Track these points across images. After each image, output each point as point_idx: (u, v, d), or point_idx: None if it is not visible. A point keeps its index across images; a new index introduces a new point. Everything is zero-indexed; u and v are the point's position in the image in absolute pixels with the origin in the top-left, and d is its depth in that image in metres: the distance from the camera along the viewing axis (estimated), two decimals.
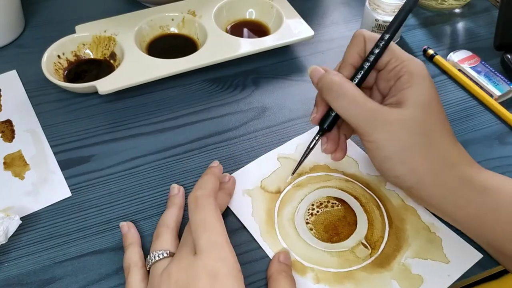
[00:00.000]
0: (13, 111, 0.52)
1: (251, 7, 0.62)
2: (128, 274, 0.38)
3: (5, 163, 0.47)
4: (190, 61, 0.53)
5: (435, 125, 0.37)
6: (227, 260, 0.34)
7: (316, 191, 0.45)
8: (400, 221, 0.43)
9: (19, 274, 0.40)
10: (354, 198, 0.44)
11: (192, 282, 0.33)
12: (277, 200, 0.44)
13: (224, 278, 0.33)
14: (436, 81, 0.56)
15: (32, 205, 0.44)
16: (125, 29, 0.56)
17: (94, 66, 0.56)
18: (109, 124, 0.51)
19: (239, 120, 0.52)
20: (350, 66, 0.40)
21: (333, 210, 0.44)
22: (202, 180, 0.40)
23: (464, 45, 0.61)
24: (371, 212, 0.43)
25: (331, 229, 0.42)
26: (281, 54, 0.59)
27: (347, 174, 0.46)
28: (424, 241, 0.41)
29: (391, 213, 0.43)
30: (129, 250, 0.39)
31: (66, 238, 0.42)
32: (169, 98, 0.54)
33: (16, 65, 0.57)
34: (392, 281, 0.39)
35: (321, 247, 0.41)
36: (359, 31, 0.40)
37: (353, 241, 0.41)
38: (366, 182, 0.46)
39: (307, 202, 0.44)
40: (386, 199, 0.44)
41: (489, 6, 0.67)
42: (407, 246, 0.41)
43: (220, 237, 0.35)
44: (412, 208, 0.43)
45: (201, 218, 0.36)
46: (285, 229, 0.42)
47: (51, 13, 0.65)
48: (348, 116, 0.38)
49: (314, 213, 0.43)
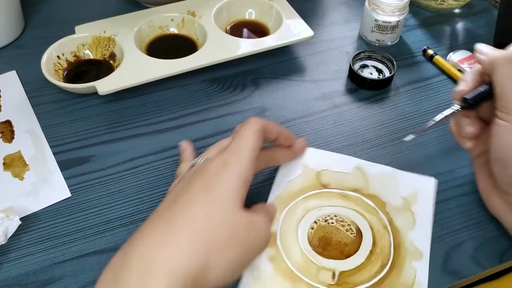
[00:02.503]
0: (12, 112, 0.52)
1: (250, 8, 0.62)
2: (177, 180, 0.40)
3: (4, 163, 0.47)
4: (190, 61, 0.53)
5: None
6: (243, 160, 0.36)
7: (343, 208, 0.44)
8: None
9: (18, 275, 0.40)
10: (371, 229, 0.42)
11: (207, 165, 0.36)
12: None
13: (232, 169, 0.35)
14: (435, 81, 0.56)
15: (31, 206, 0.44)
16: (125, 29, 0.56)
17: (94, 66, 0.56)
18: (108, 125, 0.51)
19: (239, 120, 0.52)
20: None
21: (342, 232, 0.42)
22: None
23: (464, 45, 0.61)
24: (377, 254, 0.41)
25: (325, 242, 0.41)
26: (280, 54, 0.59)
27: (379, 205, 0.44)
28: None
29: (395, 261, 0.40)
30: (183, 165, 0.43)
31: (65, 238, 0.42)
32: (169, 99, 0.54)
33: (16, 66, 0.57)
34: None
35: (306, 252, 0.41)
36: None
37: (330, 264, 0.40)
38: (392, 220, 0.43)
39: (325, 212, 0.43)
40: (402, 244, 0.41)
41: (488, 6, 0.67)
42: None
43: (246, 148, 0.37)
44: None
45: (242, 130, 0.38)
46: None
47: (51, 13, 0.65)
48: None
49: (322, 223, 0.43)
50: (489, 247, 0.41)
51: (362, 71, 0.56)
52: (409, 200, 0.44)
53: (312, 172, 0.46)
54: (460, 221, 0.43)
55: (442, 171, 0.47)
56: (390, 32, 0.59)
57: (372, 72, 0.56)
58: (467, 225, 0.43)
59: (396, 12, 0.57)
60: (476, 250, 0.41)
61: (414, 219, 0.42)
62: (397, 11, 0.57)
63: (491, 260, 0.41)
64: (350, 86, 0.56)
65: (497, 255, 0.41)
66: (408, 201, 0.44)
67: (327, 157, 0.48)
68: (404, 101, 0.54)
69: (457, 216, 0.43)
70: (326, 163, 0.47)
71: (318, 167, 0.47)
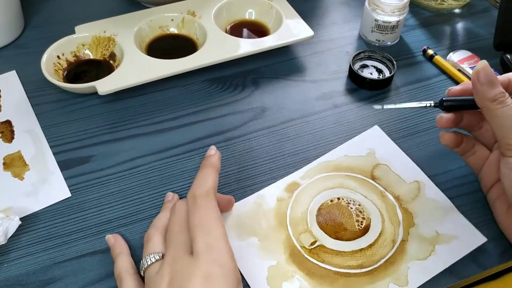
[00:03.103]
0: (12, 112, 0.52)
1: (250, 8, 0.62)
2: (120, 282, 0.36)
3: (4, 163, 0.47)
4: (190, 61, 0.53)
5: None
6: (226, 265, 0.33)
7: (371, 204, 0.44)
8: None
9: (18, 275, 0.40)
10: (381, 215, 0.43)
11: (186, 284, 0.31)
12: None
13: (218, 283, 0.31)
14: (435, 81, 0.56)
15: (31, 206, 0.44)
16: (125, 29, 0.56)
17: (94, 66, 0.56)
18: (108, 125, 0.51)
19: (239, 120, 0.52)
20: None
21: (352, 221, 0.43)
22: (201, 176, 0.37)
23: (464, 45, 0.61)
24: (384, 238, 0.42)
25: (331, 217, 0.43)
26: (280, 54, 0.59)
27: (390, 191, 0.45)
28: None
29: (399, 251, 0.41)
30: (118, 259, 0.38)
31: (65, 238, 0.42)
32: (169, 99, 0.54)
33: (16, 66, 0.57)
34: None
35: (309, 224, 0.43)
36: None
37: (318, 234, 0.42)
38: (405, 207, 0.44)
39: (336, 194, 0.45)
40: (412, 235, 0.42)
41: (488, 6, 0.67)
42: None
43: (219, 241, 0.33)
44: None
45: (199, 218, 0.34)
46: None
47: (50, 13, 0.65)
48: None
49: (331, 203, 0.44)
50: (489, 247, 0.41)
51: (362, 71, 0.56)
52: (438, 239, 0.41)
53: (372, 160, 0.47)
54: None
55: (442, 171, 0.47)
56: (390, 32, 0.59)
57: (372, 72, 0.56)
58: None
59: (396, 12, 0.57)
60: (476, 250, 0.41)
61: (429, 255, 0.41)
62: (397, 11, 0.57)
63: (491, 260, 0.41)
64: (350, 86, 0.56)
65: (497, 255, 0.41)
66: (436, 239, 0.41)
67: (394, 155, 0.48)
68: (404, 101, 0.54)
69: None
70: (390, 159, 0.47)
71: (380, 160, 0.47)
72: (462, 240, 0.41)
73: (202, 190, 0.36)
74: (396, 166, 0.47)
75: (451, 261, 0.40)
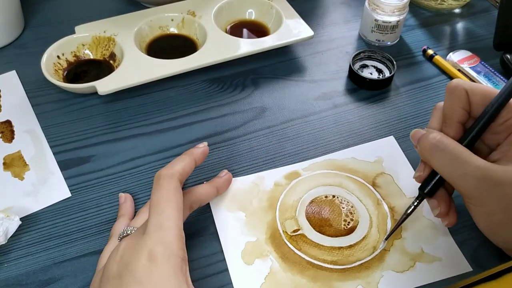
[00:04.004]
0: (12, 112, 0.52)
1: (250, 8, 0.62)
2: (108, 241, 0.39)
3: (4, 163, 0.47)
4: (190, 61, 0.53)
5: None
6: (169, 244, 0.33)
7: (363, 208, 0.44)
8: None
9: (18, 275, 0.40)
10: (368, 215, 0.44)
11: (132, 261, 0.32)
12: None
13: (161, 262, 0.32)
14: (435, 82, 0.56)
15: (31, 206, 0.44)
16: (125, 29, 0.56)
17: (94, 66, 0.56)
18: (108, 125, 0.51)
19: (239, 120, 0.52)
20: (456, 124, 0.36)
21: (339, 219, 0.43)
22: (174, 160, 0.39)
23: (464, 45, 0.61)
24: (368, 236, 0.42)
25: (320, 211, 0.43)
26: (280, 54, 0.59)
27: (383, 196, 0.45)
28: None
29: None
30: (117, 221, 0.41)
31: (65, 238, 0.42)
32: (169, 99, 0.54)
33: (16, 66, 0.57)
34: None
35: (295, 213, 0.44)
36: (456, 83, 0.37)
37: (303, 224, 0.42)
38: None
39: (326, 191, 0.45)
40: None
41: (488, 6, 0.67)
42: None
43: (168, 220, 0.34)
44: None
45: (157, 198, 0.35)
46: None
47: (50, 13, 0.65)
48: (452, 177, 0.34)
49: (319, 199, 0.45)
50: (489, 247, 0.41)
51: (362, 71, 0.56)
52: (421, 257, 0.41)
53: (378, 168, 0.47)
54: (460, 221, 0.43)
55: None
56: (390, 32, 0.59)
57: (372, 72, 0.56)
58: (467, 225, 0.43)
59: (396, 12, 0.57)
60: (476, 250, 0.41)
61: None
62: (397, 11, 0.57)
63: (491, 260, 0.41)
64: (350, 86, 0.56)
65: (497, 255, 0.41)
66: (419, 257, 0.41)
67: (402, 167, 0.47)
68: (404, 101, 0.54)
69: (457, 216, 0.43)
70: (396, 171, 0.47)
71: (386, 169, 0.47)
72: (445, 264, 0.40)
73: (167, 171, 0.37)
74: (400, 179, 0.46)
75: (427, 281, 0.39)
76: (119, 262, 0.33)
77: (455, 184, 0.35)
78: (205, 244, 0.41)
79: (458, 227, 0.42)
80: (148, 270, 0.32)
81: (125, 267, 0.32)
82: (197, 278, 0.35)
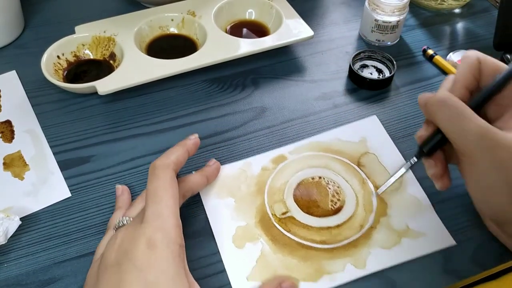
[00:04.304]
0: (12, 112, 0.52)
1: (250, 7, 0.62)
2: (105, 233, 0.40)
3: (4, 163, 0.47)
4: (190, 61, 0.53)
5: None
6: (168, 232, 0.34)
7: (349, 188, 0.45)
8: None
9: (18, 275, 0.40)
10: (355, 196, 0.45)
11: (131, 249, 0.33)
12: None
13: (161, 250, 0.33)
14: (435, 82, 0.56)
15: (31, 206, 0.44)
16: (125, 29, 0.56)
17: (94, 66, 0.56)
18: (108, 125, 0.51)
19: (239, 120, 0.52)
20: (464, 89, 0.37)
21: (326, 200, 0.44)
22: (168, 151, 0.40)
23: (464, 45, 0.61)
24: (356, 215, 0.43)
25: (308, 193, 0.45)
26: (280, 54, 0.59)
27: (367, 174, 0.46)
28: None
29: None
30: (115, 213, 0.42)
31: (65, 238, 0.42)
32: (169, 99, 0.54)
33: (16, 66, 0.57)
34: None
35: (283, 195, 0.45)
36: (471, 52, 0.38)
37: (291, 206, 0.43)
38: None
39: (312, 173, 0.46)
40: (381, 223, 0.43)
41: (488, 6, 0.67)
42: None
43: (167, 209, 0.35)
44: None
45: (153, 187, 0.36)
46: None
47: (51, 13, 0.65)
48: (453, 133, 0.35)
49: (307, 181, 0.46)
50: (489, 247, 0.41)
51: (362, 71, 0.56)
52: (406, 233, 0.42)
53: (362, 148, 0.48)
54: (460, 221, 0.43)
55: None
56: (390, 32, 0.59)
57: (372, 72, 0.56)
58: (467, 225, 0.43)
59: (396, 12, 0.57)
60: (476, 250, 0.41)
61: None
62: (397, 11, 0.57)
63: (491, 260, 0.41)
64: (350, 86, 0.56)
65: (497, 255, 0.41)
66: (405, 233, 0.42)
67: (386, 146, 0.48)
68: (404, 101, 0.54)
69: (457, 216, 0.43)
70: (380, 150, 0.48)
71: (370, 149, 0.48)
72: (430, 239, 0.41)
73: (162, 162, 0.38)
74: (384, 158, 0.48)
75: (413, 256, 0.40)
76: (117, 250, 0.34)
77: (454, 140, 0.35)
78: (205, 245, 0.41)
79: (459, 228, 0.42)
80: (147, 257, 0.32)
81: (124, 255, 0.33)
82: (196, 278, 0.35)
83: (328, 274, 0.39)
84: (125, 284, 0.31)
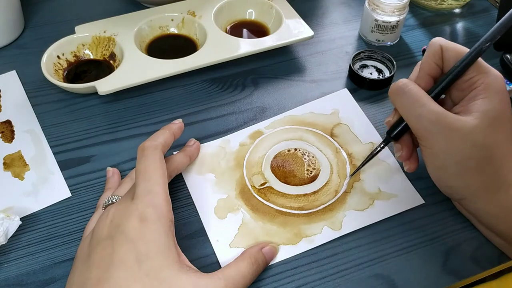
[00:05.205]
0: (12, 112, 0.52)
1: (250, 8, 0.62)
2: (94, 213, 0.42)
3: (4, 163, 0.47)
4: (190, 61, 0.53)
5: (500, 142, 0.35)
6: (159, 207, 0.35)
7: (324, 157, 0.47)
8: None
9: (18, 275, 0.40)
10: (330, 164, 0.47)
11: (123, 223, 0.34)
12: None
13: (152, 223, 0.34)
14: None
15: (32, 206, 0.44)
16: (125, 29, 0.56)
17: (94, 66, 0.56)
18: (108, 125, 0.51)
19: (239, 120, 0.52)
20: (427, 76, 0.39)
21: (302, 169, 0.46)
22: (155, 133, 0.41)
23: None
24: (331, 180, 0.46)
25: (284, 164, 0.46)
26: (280, 55, 0.59)
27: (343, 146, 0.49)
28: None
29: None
30: (104, 193, 0.43)
31: (66, 238, 0.42)
32: (169, 99, 0.54)
33: (16, 66, 0.57)
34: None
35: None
36: (435, 39, 0.40)
37: (269, 177, 0.45)
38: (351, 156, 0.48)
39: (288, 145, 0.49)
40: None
41: (488, 6, 0.67)
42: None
43: (157, 186, 0.36)
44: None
45: (143, 167, 0.37)
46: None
47: (51, 13, 0.65)
48: (410, 116, 0.37)
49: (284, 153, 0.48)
50: (488, 247, 0.41)
51: (362, 71, 0.56)
52: (378, 195, 0.45)
53: (334, 119, 0.51)
54: (460, 221, 0.43)
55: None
56: (390, 32, 0.59)
57: (372, 72, 0.56)
58: (467, 225, 0.43)
59: (396, 12, 0.57)
60: (476, 250, 0.41)
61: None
62: (397, 11, 0.57)
63: (491, 260, 0.41)
64: (350, 86, 0.56)
65: (497, 255, 0.41)
66: (377, 195, 0.45)
67: (357, 117, 0.51)
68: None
69: (457, 216, 0.43)
70: (351, 120, 0.50)
71: (342, 120, 0.51)
72: (401, 199, 0.44)
73: (151, 143, 0.39)
74: (356, 127, 0.50)
75: (385, 215, 0.43)
76: (109, 225, 0.35)
77: (412, 125, 0.38)
78: (204, 245, 0.41)
79: (458, 228, 0.43)
80: (139, 230, 0.33)
81: (116, 229, 0.34)
82: None
83: (307, 237, 0.41)
84: (117, 255, 0.33)
